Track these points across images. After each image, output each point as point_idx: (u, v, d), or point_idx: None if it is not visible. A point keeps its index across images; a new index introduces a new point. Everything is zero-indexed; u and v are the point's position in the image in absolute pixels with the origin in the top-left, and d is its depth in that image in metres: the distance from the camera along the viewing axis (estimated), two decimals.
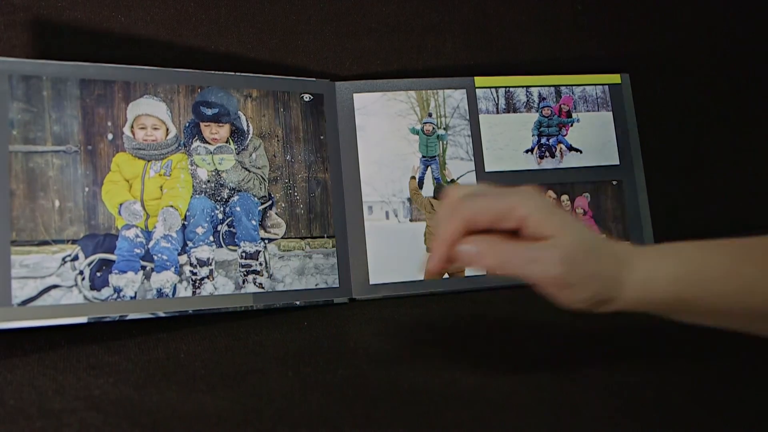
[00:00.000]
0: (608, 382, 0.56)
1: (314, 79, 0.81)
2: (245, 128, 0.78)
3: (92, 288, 0.68)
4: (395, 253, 0.82)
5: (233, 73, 0.78)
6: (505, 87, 0.89)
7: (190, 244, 0.73)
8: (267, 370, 0.59)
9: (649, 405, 0.52)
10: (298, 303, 0.76)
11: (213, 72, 0.77)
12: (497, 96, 0.89)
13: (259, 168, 0.78)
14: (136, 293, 0.70)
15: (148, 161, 0.73)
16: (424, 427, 0.49)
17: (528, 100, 0.90)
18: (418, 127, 0.86)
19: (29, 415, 0.50)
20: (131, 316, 0.69)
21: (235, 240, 0.76)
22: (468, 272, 0.83)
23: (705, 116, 1.06)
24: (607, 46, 1.00)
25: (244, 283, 0.75)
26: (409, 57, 0.91)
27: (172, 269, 0.72)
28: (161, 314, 0.70)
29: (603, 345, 0.64)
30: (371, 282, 0.80)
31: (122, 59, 0.76)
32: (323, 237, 0.79)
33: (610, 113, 0.92)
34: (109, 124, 0.72)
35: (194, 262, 0.73)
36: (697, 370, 0.58)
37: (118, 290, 0.69)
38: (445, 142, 0.87)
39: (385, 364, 0.60)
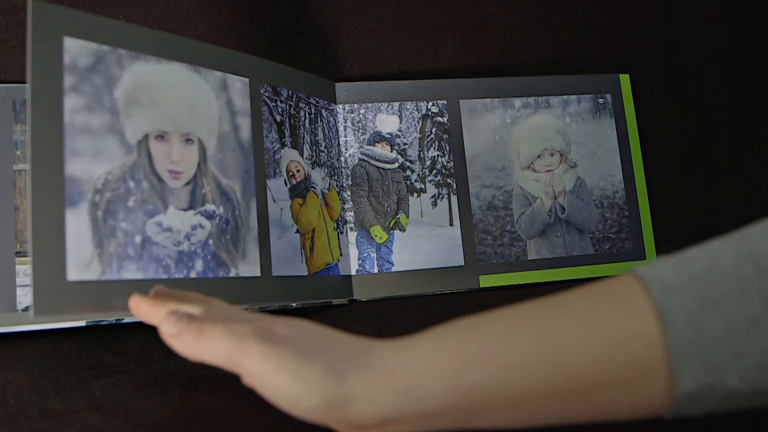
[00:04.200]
0: None
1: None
2: None
3: None
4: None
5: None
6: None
7: None
8: None
9: None
10: (294, 305, 0.76)
11: None
12: None
13: None
14: None
15: None
16: None
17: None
18: None
19: (30, 415, 0.50)
20: (127, 319, 0.70)
21: None
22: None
23: (708, 117, 1.04)
24: (609, 45, 0.98)
25: None
26: (410, 58, 0.91)
27: None
28: None
29: None
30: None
31: None
32: None
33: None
34: None
35: None
36: None
37: None
38: None
39: None
